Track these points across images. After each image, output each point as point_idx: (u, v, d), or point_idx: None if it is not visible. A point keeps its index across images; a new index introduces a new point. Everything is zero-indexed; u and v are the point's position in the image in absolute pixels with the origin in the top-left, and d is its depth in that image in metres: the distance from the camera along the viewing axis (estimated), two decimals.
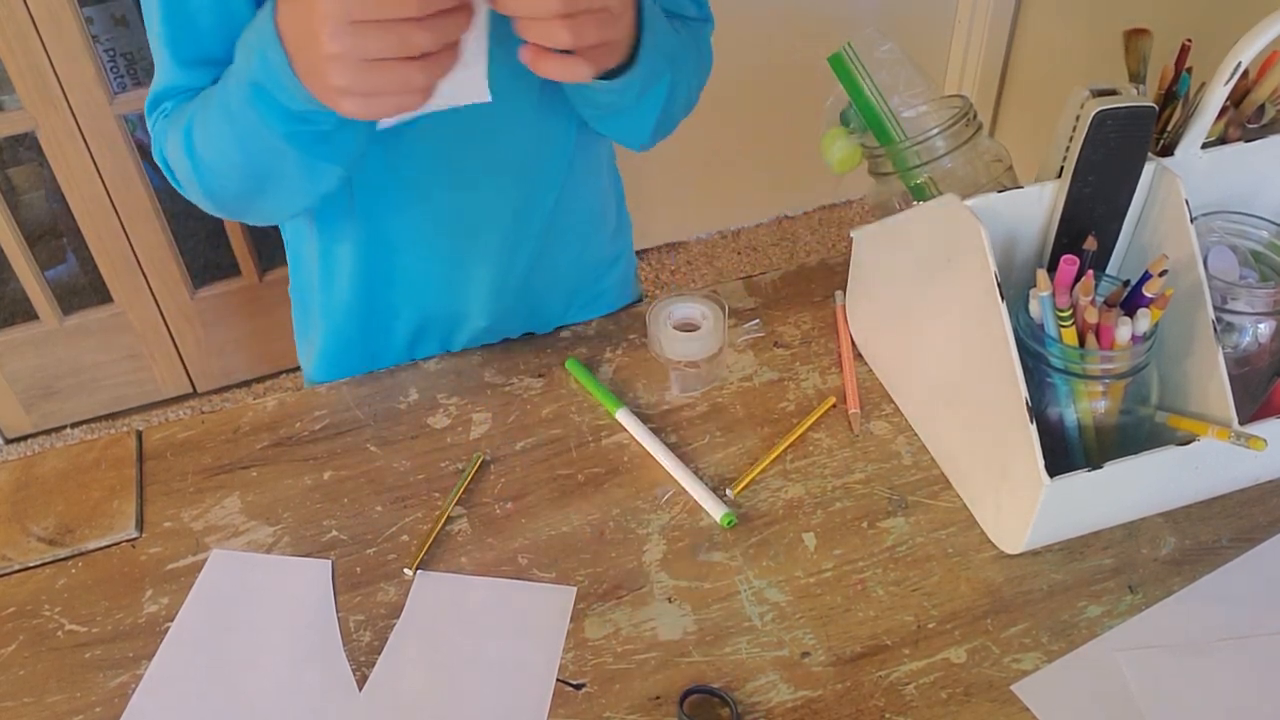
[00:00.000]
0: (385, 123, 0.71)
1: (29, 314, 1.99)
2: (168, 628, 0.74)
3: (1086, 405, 0.73)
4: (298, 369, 1.10)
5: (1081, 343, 0.71)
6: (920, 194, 0.81)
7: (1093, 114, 0.69)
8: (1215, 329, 0.71)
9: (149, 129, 0.82)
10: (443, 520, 0.80)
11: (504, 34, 0.81)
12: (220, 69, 0.74)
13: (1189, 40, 0.79)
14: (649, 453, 0.84)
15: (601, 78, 0.71)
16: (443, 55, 0.61)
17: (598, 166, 0.99)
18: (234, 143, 0.72)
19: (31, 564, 0.79)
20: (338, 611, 0.75)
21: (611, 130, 0.88)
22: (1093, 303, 0.70)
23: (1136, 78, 0.78)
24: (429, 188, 0.88)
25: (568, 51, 0.64)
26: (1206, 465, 0.74)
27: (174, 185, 0.83)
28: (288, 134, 0.68)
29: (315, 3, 0.58)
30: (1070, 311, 0.70)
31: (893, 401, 0.88)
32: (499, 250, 0.93)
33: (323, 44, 0.58)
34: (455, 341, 1.00)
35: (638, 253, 1.88)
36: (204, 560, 0.79)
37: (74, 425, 2.12)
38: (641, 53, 0.72)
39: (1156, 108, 0.72)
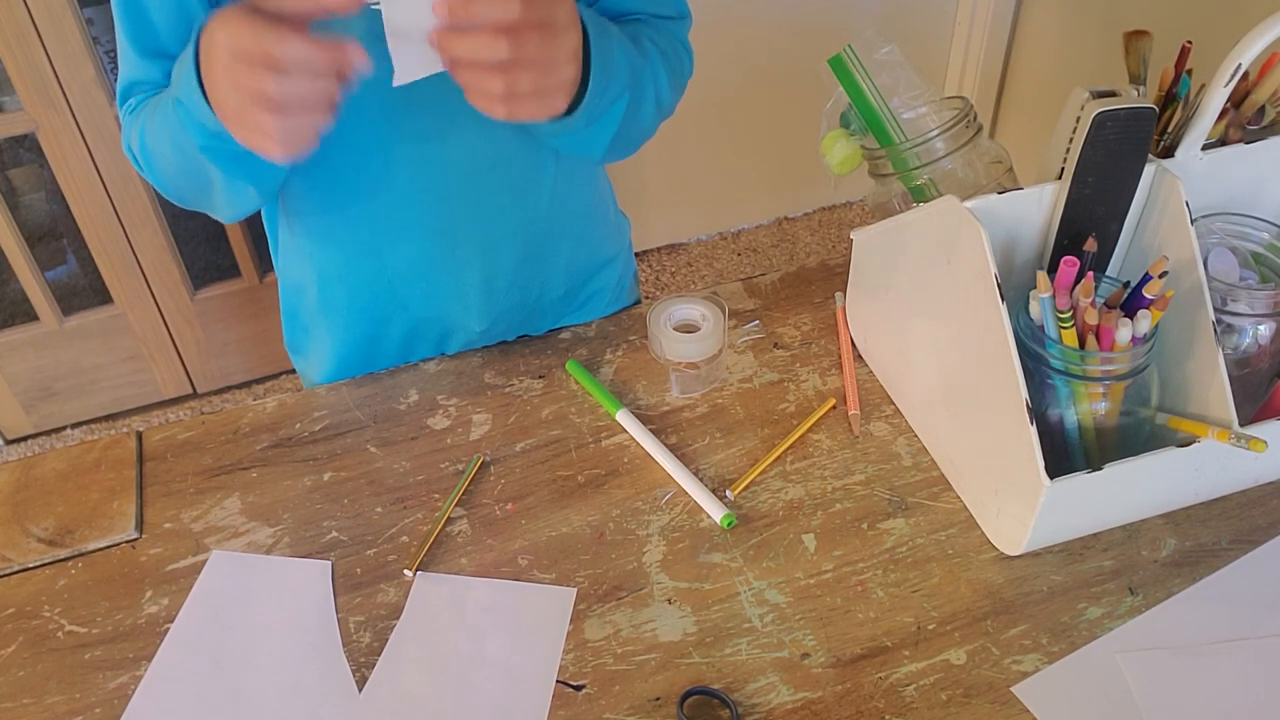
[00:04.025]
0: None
1: (29, 315, 1.99)
2: (168, 629, 0.74)
3: (1087, 407, 0.73)
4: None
5: (1082, 344, 0.71)
6: (920, 195, 0.81)
7: (1093, 115, 0.69)
8: (1215, 330, 0.71)
9: (119, 120, 0.85)
10: (443, 521, 0.80)
11: None
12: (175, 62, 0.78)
13: (1189, 42, 0.79)
14: (649, 454, 0.84)
15: None
16: (303, 113, 0.63)
17: (586, 167, 0.99)
18: (171, 149, 0.76)
19: (31, 565, 0.79)
20: (337, 612, 0.75)
21: (561, 146, 0.87)
22: (1093, 304, 0.70)
23: (1137, 79, 0.78)
24: (409, 190, 0.88)
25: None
26: (1207, 467, 0.74)
27: (144, 176, 0.86)
28: (204, 148, 0.72)
29: (215, 37, 0.63)
30: (1070, 313, 0.70)
31: (893, 403, 0.88)
32: (485, 251, 0.93)
33: (213, 71, 0.64)
34: (450, 347, 1.00)
35: (637, 254, 1.88)
36: (204, 561, 0.79)
37: (74, 426, 2.12)
38: (588, 94, 0.73)
39: (1156, 109, 0.72)
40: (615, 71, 0.76)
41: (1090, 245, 0.72)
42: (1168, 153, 0.77)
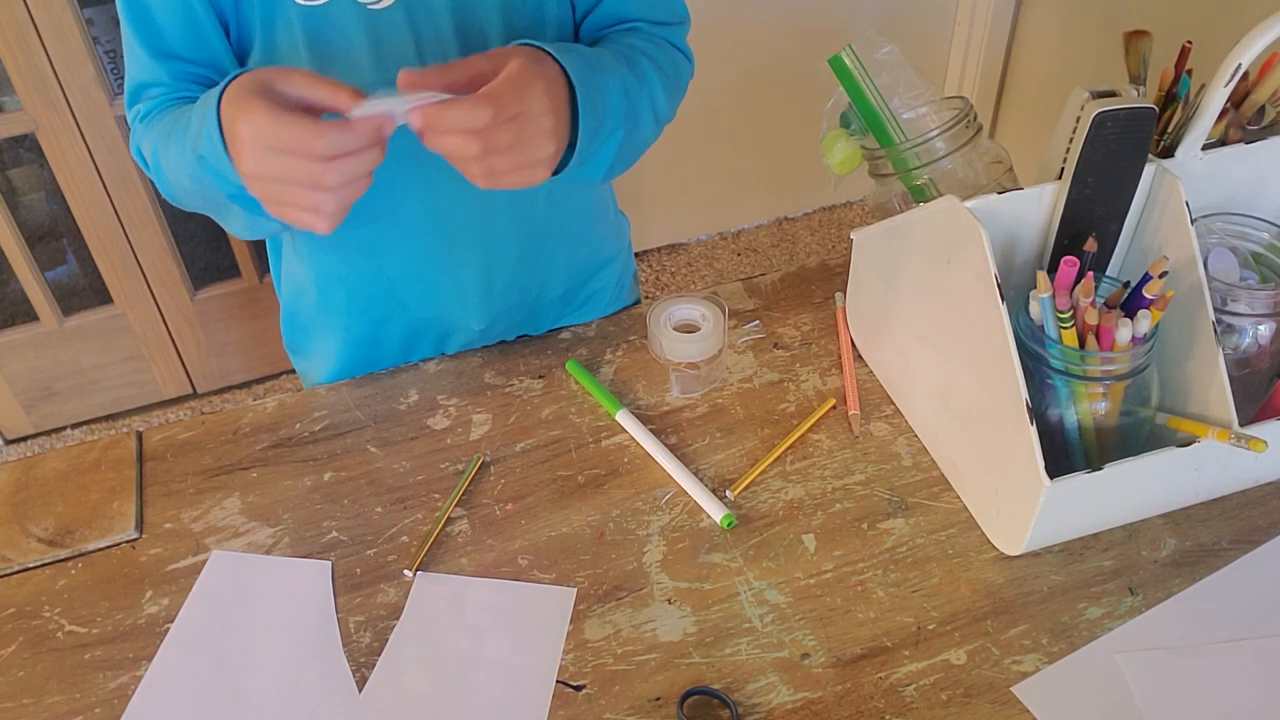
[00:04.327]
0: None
1: (29, 315, 1.99)
2: (168, 629, 0.74)
3: (1087, 407, 0.73)
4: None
5: (1082, 344, 0.71)
6: (920, 195, 0.81)
7: (1093, 116, 0.69)
8: (1215, 330, 0.71)
9: (128, 121, 0.85)
10: (443, 521, 0.80)
11: (473, 31, 0.81)
12: (185, 65, 0.80)
13: (1189, 42, 0.79)
14: (649, 454, 0.84)
15: None
16: (353, 185, 0.65)
17: None
18: (190, 183, 0.77)
19: (31, 565, 0.79)
20: (337, 612, 0.75)
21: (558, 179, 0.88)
22: (1093, 304, 0.70)
23: (1136, 79, 0.78)
24: (405, 190, 0.88)
25: None
26: (1207, 467, 0.74)
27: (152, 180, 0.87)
28: (230, 195, 0.74)
29: (237, 126, 0.64)
30: (1070, 313, 0.70)
31: (893, 403, 0.88)
32: (483, 250, 0.93)
33: (243, 161, 0.65)
34: (450, 346, 1.00)
35: (637, 254, 1.88)
36: (204, 561, 0.79)
37: (74, 426, 2.12)
38: (578, 146, 0.74)
39: (1156, 109, 0.72)
40: (607, 113, 0.77)
41: (1090, 245, 0.72)
42: (1168, 153, 0.77)
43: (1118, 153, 0.71)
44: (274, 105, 0.63)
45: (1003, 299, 0.69)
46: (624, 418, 0.87)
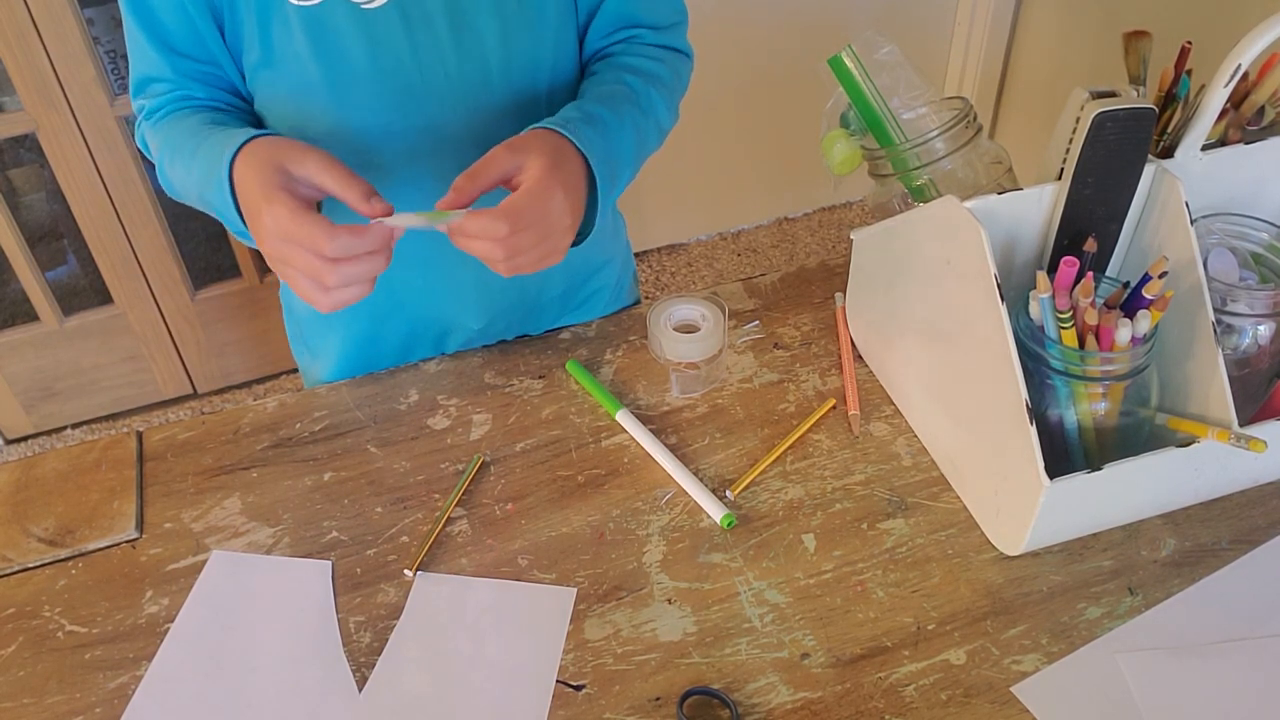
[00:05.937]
0: None
1: (29, 315, 1.99)
2: (168, 629, 0.74)
3: (1086, 407, 0.73)
4: (298, 370, 1.11)
5: (1081, 344, 0.71)
6: (920, 195, 0.81)
7: (1093, 116, 0.69)
8: (1215, 331, 0.71)
9: (134, 110, 0.87)
10: (443, 521, 0.80)
11: (468, 30, 0.81)
12: (187, 62, 0.82)
13: (1189, 42, 0.79)
14: (649, 454, 0.84)
15: None
16: (350, 290, 0.70)
17: None
18: (199, 202, 0.81)
19: (31, 565, 0.79)
20: (338, 612, 0.75)
21: None
22: (1093, 304, 0.70)
23: (1136, 80, 0.78)
24: (403, 186, 0.88)
25: None
26: (1206, 467, 0.74)
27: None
28: (235, 232, 0.78)
29: (261, 213, 0.68)
30: (1070, 313, 0.70)
31: (893, 403, 0.88)
32: None
33: (262, 240, 0.70)
34: (449, 345, 1.00)
35: (638, 254, 1.88)
36: (204, 561, 0.79)
37: (74, 426, 2.12)
38: (595, 224, 0.79)
39: (1156, 110, 0.72)
40: (620, 164, 0.80)
41: (1090, 245, 0.72)
42: (1167, 153, 0.77)
43: (1118, 153, 0.71)
44: (295, 202, 0.68)
45: (1003, 299, 0.69)
46: (624, 418, 0.87)
